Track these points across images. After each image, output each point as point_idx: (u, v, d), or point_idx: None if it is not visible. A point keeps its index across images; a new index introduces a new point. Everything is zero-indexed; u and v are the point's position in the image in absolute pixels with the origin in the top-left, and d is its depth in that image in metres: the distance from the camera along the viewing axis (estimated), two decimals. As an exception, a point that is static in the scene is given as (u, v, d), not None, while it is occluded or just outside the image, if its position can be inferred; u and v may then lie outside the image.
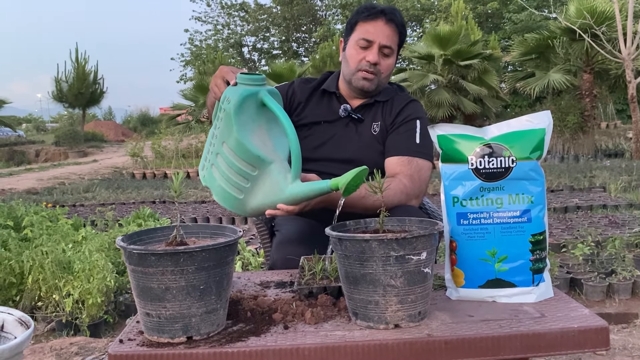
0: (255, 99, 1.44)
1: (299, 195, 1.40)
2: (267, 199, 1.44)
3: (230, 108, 1.40)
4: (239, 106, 1.40)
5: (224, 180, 1.46)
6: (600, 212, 6.16)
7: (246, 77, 1.46)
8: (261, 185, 1.43)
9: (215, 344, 1.08)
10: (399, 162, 1.79)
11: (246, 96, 1.42)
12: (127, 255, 1.09)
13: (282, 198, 1.41)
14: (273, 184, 1.42)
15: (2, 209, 4.26)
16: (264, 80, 1.47)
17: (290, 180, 1.40)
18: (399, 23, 1.84)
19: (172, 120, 18.12)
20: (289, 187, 1.40)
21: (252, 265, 3.72)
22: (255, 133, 1.43)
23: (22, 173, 13.85)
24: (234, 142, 1.40)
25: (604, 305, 3.38)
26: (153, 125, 28.19)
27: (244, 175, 1.42)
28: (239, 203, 1.47)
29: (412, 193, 1.74)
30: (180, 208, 7.35)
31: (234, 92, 1.43)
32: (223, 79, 1.57)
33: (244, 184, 1.43)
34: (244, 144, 1.38)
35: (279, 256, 1.70)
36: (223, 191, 1.47)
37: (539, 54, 13.49)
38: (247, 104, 1.42)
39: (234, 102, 1.40)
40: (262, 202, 1.45)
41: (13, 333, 1.34)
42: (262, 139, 1.44)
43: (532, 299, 1.26)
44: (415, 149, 1.81)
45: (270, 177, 1.42)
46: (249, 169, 1.41)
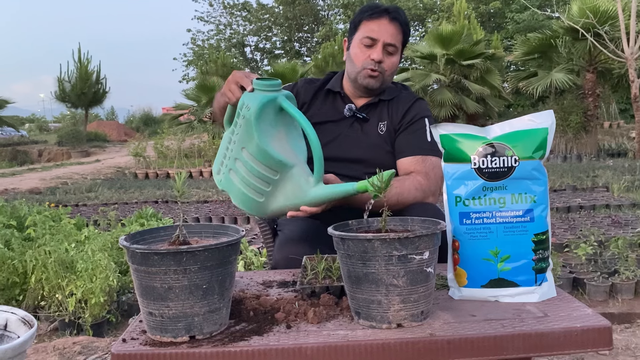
0: (273, 105, 1.45)
1: (322, 198, 1.43)
2: (289, 202, 1.46)
3: (251, 115, 1.41)
4: (259, 113, 1.41)
5: (243, 184, 1.47)
6: (603, 211, 6.14)
7: (263, 82, 1.46)
8: (282, 188, 1.45)
9: (218, 343, 1.08)
10: (413, 162, 1.80)
11: (266, 103, 1.43)
12: (130, 254, 1.10)
13: (305, 200, 1.43)
14: (295, 187, 1.43)
15: (6, 209, 4.27)
16: (280, 85, 1.48)
17: (313, 183, 1.42)
18: (402, 22, 1.84)
19: (175, 120, 18.15)
20: (312, 189, 1.42)
21: (255, 265, 3.72)
22: (275, 138, 1.44)
23: (25, 173, 13.89)
24: (255, 148, 1.41)
25: (606, 305, 3.38)
26: (155, 125, 28.23)
27: (265, 180, 1.44)
28: (258, 206, 1.49)
29: (428, 190, 1.74)
30: (183, 208, 7.36)
31: (253, 99, 1.44)
32: (237, 84, 1.57)
33: (265, 187, 1.45)
34: (266, 150, 1.40)
35: (281, 256, 1.70)
36: (242, 195, 1.48)
37: (541, 54, 13.47)
38: (266, 110, 1.43)
39: (254, 109, 1.41)
40: (283, 204, 1.47)
41: (16, 332, 1.35)
42: (282, 144, 1.45)
43: (535, 298, 1.26)
44: (427, 147, 1.81)
45: (292, 180, 1.43)
46: (271, 174, 1.43)
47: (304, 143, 1.54)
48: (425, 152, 1.80)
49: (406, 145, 1.84)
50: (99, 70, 24.35)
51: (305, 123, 1.42)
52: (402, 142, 1.86)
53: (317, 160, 1.41)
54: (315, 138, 1.41)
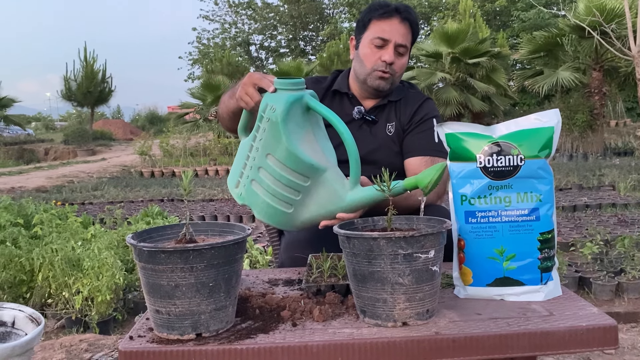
0: (300, 104, 1.35)
1: (362, 202, 1.32)
2: (323, 209, 1.36)
3: (277, 117, 1.30)
4: (286, 113, 1.31)
5: (269, 195, 1.36)
6: (610, 210, 6.12)
7: (286, 81, 1.36)
8: (315, 195, 1.35)
9: (224, 341, 1.09)
10: (423, 162, 1.78)
11: (292, 102, 1.33)
12: (137, 252, 1.10)
13: (343, 206, 1.33)
14: (330, 193, 1.34)
15: (13, 207, 4.30)
16: (304, 83, 1.39)
17: (350, 187, 1.33)
18: (413, 21, 1.82)
19: (180, 118, 18.19)
20: (350, 193, 1.32)
21: (260, 264, 3.73)
22: (304, 140, 1.34)
23: (32, 171, 13.95)
24: (283, 152, 1.31)
25: (612, 304, 3.37)
26: (161, 124, 28.30)
27: (295, 187, 1.34)
28: (287, 218, 1.39)
29: (441, 192, 1.76)
30: (189, 206, 7.38)
31: (278, 100, 1.33)
32: (255, 87, 1.47)
33: (295, 196, 1.35)
34: (295, 153, 1.30)
35: (288, 255, 1.70)
36: (268, 207, 1.38)
37: (547, 52, 13.41)
38: (293, 111, 1.34)
39: (281, 109, 1.31)
40: (316, 213, 1.37)
41: (24, 329, 1.36)
42: (312, 146, 1.36)
43: (541, 297, 1.26)
44: (436, 148, 1.79)
45: (325, 185, 1.34)
46: (301, 180, 1.33)
47: (331, 144, 1.45)
48: (434, 153, 1.80)
49: (415, 145, 1.83)
50: (105, 69, 24.44)
51: (338, 122, 1.32)
52: (411, 142, 1.85)
53: (353, 161, 1.31)
54: (350, 137, 1.31)
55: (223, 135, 14.63)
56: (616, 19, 11.67)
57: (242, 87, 1.50)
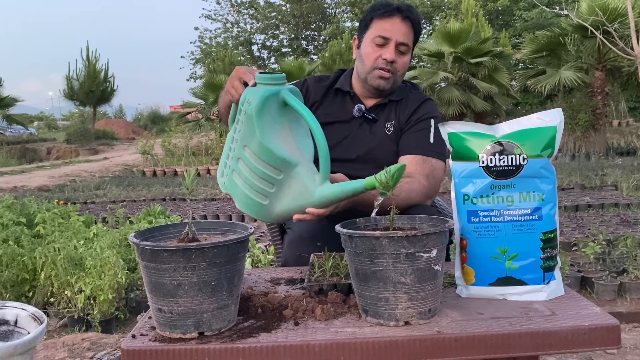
0: (277, 99, 1.38)
1: (330, 197, 1.34)
2: (295, 203, 1.38)
3: (252, 110, 1.34)
4: (261, 107, 1.34)
5: (246, 186, 1.40)
6: (612, 210, 6.11)
7: (266, 76, 1.39)
8: (287, 189, 1.37)
9: (226, 339, 1.09)
10: (414, 161, 1.77)
11: (268, 96, 1.36)
12: (139, 251, 1.10)
13: (312, 201, 1.35)
14: (301, 187, 1.36)
15: (15, 206, 4.30)
16: (284, 78, 1.41)
17: (319, 182, 1.35)
18: (415, 20, 1.82)
19: (182, 118, 18.19)
20: (319, 189, 1.34)
21: (262, 263, 3.73)
22: (278, 134, 1.37)
23: (34, 170, 13.98)
24: (257, 145, 1.34)
25: (615, 304, 3.36)
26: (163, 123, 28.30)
27: (269, 180, 1.37)
28: (263, 209, 1.42)
29: (429, 193, 1.74)
30: (191, 205, 7.38)
31: (255, 93, 1.37)
32: (240, 80, 1.51)
33: (269, 188, 1.38)
34: (268, 146, 1.33)
35: (290, 254, 1.70)
36: (246, 197, 1.41)
37: (550, 52, 13.39)
38: (268, 105, 1.36)
39: (255, 103, 1.34)
40: (289, 206, 1.39)
41: (26, 328, 1.36)
42: (286, 140, 1.38)
43: (543, 297, 1.26)
44: (430, 148, 1.79)
45: (297, 180, 1.36)
46: (274, 173, 1.36)
47: (310, 140, 1.47)
48: (427, 152, 1.79)
49: (408, 143, 1.83)
50: (107, 68, 24.45)
51: (310, 118, 1.35)
52: (405, 141, 1.84)
53: (322, 158, 1.34)
54: (320, 134, 1.33)
55: (225, 134, 14.62)
56: (619, 18, 11.64)
57: (229, 81, 1.56)
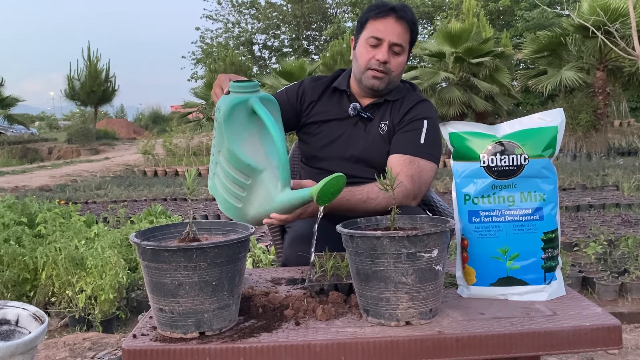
0: (245, 107, 1.43)
1: (286, 204, 1.39)
2: (262, 208, 1.44)
3: (221, 117, 1.41)
4: (228, 115, 1.41)
5: (223, 189, 1.48)
6: (613, 210, 6.10)
7: (237, 85, 1.45)
8: (255, 193, 1.43)
9: (227, 339, 1.09)
10: (400, 161, 1.77)
11: (235, 104, 1.42)
12: (140, 251, 1.10)
13: (273, 207, 1.41)
14: (265, 193, 1.41)
15: (16, 206, 4.31)
16: (256, 86, 1.47)
17: (280, 189, 1.39)
18: (409, 20, 1.82)
19: (183, 118, 18.22)
20: (279, 195, 1.39)
21: (263, 263, 3.73)
22: (246, 141, 1.42)
23: (35, 170, 13.98)
24: (226, 151, 1.41)
25: (616, 304, 3.36)
26: (164, 123, 28.31)
27: (240, 185, 1.43)
28: (239, 212, 1.48)
29: (412, 194, 1.73)
30: (192, 205, 7.38)
31: (224, 101, 1.44)
32: (220, 88, 1.57)
33: (241, 192, 1.44)
34: (235, 152, 1.39)
35: (291, 253, 1.70)
36: (225, 200, 1.49)
37: (551, 52, 13.36)
38: (237, 112, 1.42)
39: (224, 110, 1.42)
40: (258, 211, 1.45)
41: (27, 328, 1.36)
42: (254, 147, 1.43)
43: (544, 297, 1.26)
44: (419, 149, 1.78)
45: (262, 185, 1.42)
46: (243, 178, 1.42)
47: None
48: (415, 153, 1.78)
49: (398, 143, 1.82)
50: (108, 68, 24.45)
51: (271, 125, 1.39)
52: (396, 141, 1.84)
53: (281, 165, 1.39)
54: (279, 141, 1.38)
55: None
56: (620, 18, 11.63)
57: (213, 88, 1.62)
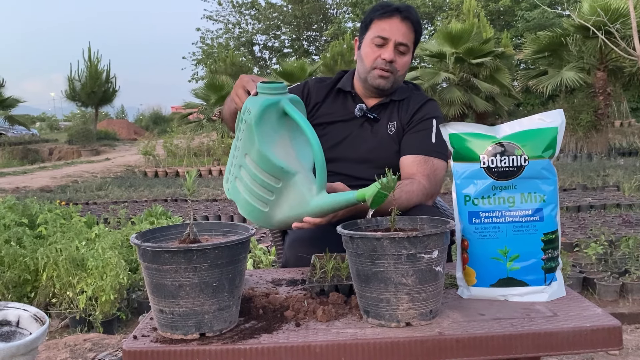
0: (276, 109, 1.40)
1: (325, 208, 1.37)
2: (293, 212, 1.41)
3: (251, 119, 1.37)
4: (260, 117, 1.37)
5: (247, 193, 1.43)
6: (614, 211, 6.10)
7: (267, 86, 1.42)
8: (286, 197, 1.40)
9: (227, 340, 1.09)
10: (415, 162, 1.79)
11: (267, 106, 1.38)
12: (141, 252, 1.11)
13: (308, 210, 1.38)
14: (298, 196, 1.38)
15: (17, 207, 4.31)
16: (285, 88, 1.44)
17: (315, 192, 1.37)
18: (414, 20, 1.83)
19: (184, 118, 18.21)
20: (314, 199, 1.37)
21: (264, 264, 3.73)
22: (277, 143, 1.39)
23: (36, 171, 13.99)
24: (256, 153, 1.37)
25: (617, 305, 3.36)
26: (165, 124, 28.34)
27: (268, 188, 1.39)
28: (264, 216, 1.44)
29: (430, 193, 1.75)
30: (192, 206, 7.38)
31: (255, 103, 1.40)
32: (244, 89, 1.53)
33: (269, 196, 1.41)
34: (267, 155, 1.35)
35: (291, 255, 1.70)
36: (248, 204, 1.44)
37: (551, 52, 13.36)
38: (268, 114, 1.39)
39: (255, 112, 1.37)
40: (287, 214, 1.42)
41: (28, 329, 1.37)
42: (285, 149, 1.41)
43: (544, 298, 1.25)
44: (431, 149, 1.80)
45: (295, 189, 1.38)
46: (273, 181, 1.38)
47: (310, 150, 1.47)
48: (428, 152, 1.80)
49: (410, 144, 1.84)
50: (109, 69, 24.48)
51: (307, 128, 1.37)
52: (407, 141, 1.85)
53: (319, 168, 1.36)
54: (317, 144, 1.35)
55: (227, 135, 14.64)
56: (621, 18, 11.62)
57: (234, 89, 1.57)
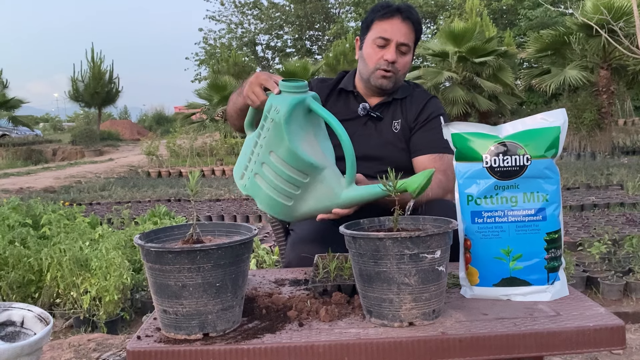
0: (302, 107, 1.43)
1: (356, 199, 1.43)
2: (321, 204, 1.45)
3: (281, 118, 1.39)
4: (289, 115, 1.40)
5: (270, 189, 1.46)
6: (618, 210, 6.08)
7: (290, 84, 1.44)
8: (313, 191, 1.44)
9: (231, 340, 1.09)
10: (431, 160, 1.81)
11: (296, 104, 1.41)
12: (144, 253, 1.11)
13: (338, 202, 1.43)
14: (327, 189, 1.43)
15: (21, 208, 4.33)
16: (307, 86, 1.46)
17: (346, 185, 1.42)
18: (415, 20, 1.84)
19: (187, 119, 18.23)
20: (345, 191, 1.42)
21: (267, 263, 3.74)
22: (305, 140, 1.43)
23: (40, 172, 14.02)
24: (285, 151, 1.40)
25: (620, 304, 3.35)
26: (168, 124, 28.38)
27: (295, 183, 1.43)
28: (287, 210, 1.49)
29: (448, 187, 1.76)
30: (196, 206, 7.39)
31: (282, 101, 1.42)
32: (261, 86, 1.54)
33: (294, 191, 1.44)
34: (297, 153, 1.39)
35: (294, 255, 1.71)
36: (270, 199, 1.48)
37: (554, 51, 13.33)
38: (295, 113, 1.42)
39: (284, 111, 1.39)
40: (314, 207, 1.47)
41: (33, 329, 1.37)
42: (312, 145, 1.45)
43: (547, 297, 1.25)
44: (443, 145, 1.80)
45: (324, 182, 1.43)
46: (301, 177, 1.42)
47: (330, 143, 1.54)
48: (442, 150, 1.82)
49: (423, 143, 1.86)
50: (112, 69, 24.53)
51: (336, 123, 1.41)
52: (419, 140, 1.87)
53: (349, 162, 1.40)
54: (347, 139, 1.39)
55: (230, 135, 14.66)
56: (624, 17, 11.58)
57: (249, 86, 1.56)
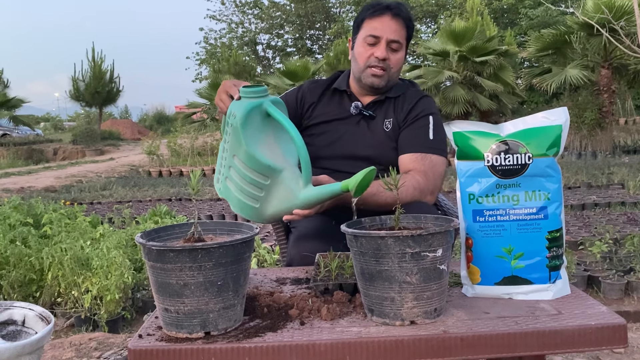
0: (259, 110, 1.48)
1: (312, 200, 1.45)
2: (283, 206, 1.49)
3: (237, 122, 1.45)
4: (244, 119, 1.45)
5: (238, 191, 1.51)
6: (619, 209, 6.08)
7: (248, 90, 1.50)
8: (275, 193, 1.48)
9: (232, 339, 1.09)
10: (413, 159, 1.79)
11: (250, 109, 1.46)
12: (146, 251, 1.11)
13: (297, 203, 1.46)
14: (286, 191, 1.46)
15: (22, 207, 4.33)
16: (266, 91, 1.51)
17: (302, 186, 1.45)
18: (405, 17, 1.84)
19: (188, 118, 18.25)
20: (302, 192, 1.44)
21: (268, 262, 3.74)
22: (263, 143, 1.47)
23: (41, 171, 14.03)
24: (244, 154, 1.45)
25: (622, 303, 3.35)
26: (169, 124, 28.41)
27: (258, 185, 1.47)
28: (256, 212, 1.53)
29: (426, 189, 1.73)
30: (197, 205, 7.40)
31: (239, 107, 1.48)
32: (227, 94, 1.60)
33: (258, 193, 1.49)
34: (254, 155, 1.43)
35: (296, 252, 1.71)
36: (239, 202, 1.53)
37: (555, 50, 13.31)
38: (252, 116, 1.47)
39: (240, 116, 1.45)
40: (278, 209, 1.50)
41: (34, 328, 1.37)
42: (271, 148, 1.48)
43: (549, 296, 1.25)
44: (429, 145, 1.80)
45: (283, 184, 1.46)
46: (262, 179, 1.46)
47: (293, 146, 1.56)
48: (426, 149, 1.80)
49: (407, 141, 1.84)
50: (113, 69, 24.56)
51: (289, 125, 1.45)
52: (404, 139, 1.85)
53: (303, 163, 1.44)
54: (299, 141, 1.43)
55: (230, 134, 14.63)
56: (625, 16, 11.56)
57: (218, 94, 1.64)
